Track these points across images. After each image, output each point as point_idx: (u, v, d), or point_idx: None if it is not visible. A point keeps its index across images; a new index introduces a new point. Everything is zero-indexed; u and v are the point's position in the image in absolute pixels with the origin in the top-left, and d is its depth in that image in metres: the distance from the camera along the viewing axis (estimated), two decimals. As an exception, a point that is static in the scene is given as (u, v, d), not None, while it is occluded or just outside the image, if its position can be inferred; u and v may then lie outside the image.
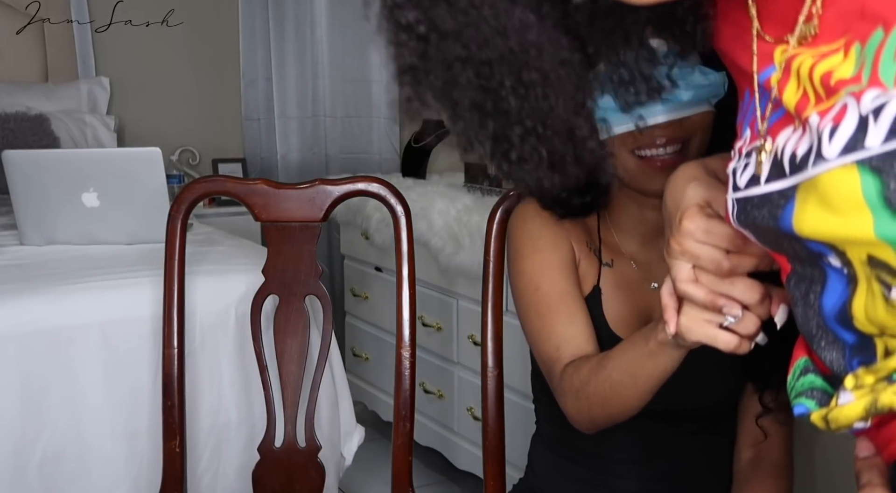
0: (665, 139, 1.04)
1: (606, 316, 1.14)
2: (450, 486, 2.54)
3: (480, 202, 2.34)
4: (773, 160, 0.63)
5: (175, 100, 3.42)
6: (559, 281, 1.13)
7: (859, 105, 0.54)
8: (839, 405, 0.63)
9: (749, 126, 0.68)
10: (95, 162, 1.97)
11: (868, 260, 0.57)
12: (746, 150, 0.67)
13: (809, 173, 0.57)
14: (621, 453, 1.17)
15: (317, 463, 1.42)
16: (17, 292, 1.63)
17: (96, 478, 1.59)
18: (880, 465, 0.68)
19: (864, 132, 0.54)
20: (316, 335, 1.58)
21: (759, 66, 0.67)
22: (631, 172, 1.07)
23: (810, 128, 0.58)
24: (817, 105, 0.59)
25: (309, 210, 1.40)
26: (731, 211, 0.68)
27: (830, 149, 0.55)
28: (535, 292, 1.13)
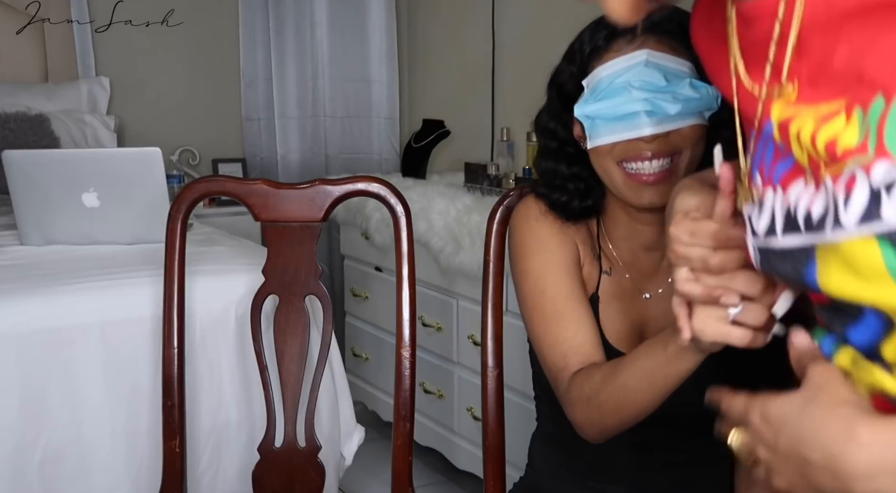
0: (651, 153, 1.02)
1: (603, 325, 1.13)
2: (450, 486, 2.54)
3: (480, 202, 2.35)
4: (786, 214, 0.63)
5: (175, 100, 3.42)
6: (565, 284, 1.11)
7: (870, 178, 0.55)
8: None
9: (758, 169, 0.68)
10: (95, 162, 1.97)
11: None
12: (758, 197, 0.68)
13: (828, 238, 0.58)
14: (619, 449, 1.16)
15: (317, 463, 1.42)
16: (17, 292, 1.63)
17: (96, 478, 1.59)
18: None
19: (878, 204, 0.54)
20: (316, 335, 1.58)
21: (758, 116, 0.67)
22: (618, 184, 1.06)
23: (825, 189, 0.59)
24: (827, 168, 0.59)
25: (309, 210, 1.40)
26: (753, 257, 0.69)
27: (847, 217, 0.56)
28: (542, 294, 1.12)
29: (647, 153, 1.02)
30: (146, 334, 1.63)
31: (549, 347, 1.10)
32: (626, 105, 1.00)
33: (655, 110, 0.99)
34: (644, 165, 1.02)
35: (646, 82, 0.99)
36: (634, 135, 1.01)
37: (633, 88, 0.99)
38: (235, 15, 3.39)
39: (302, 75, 3.43)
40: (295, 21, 3.39)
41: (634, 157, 1.03)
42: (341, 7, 3.42)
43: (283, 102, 3.42)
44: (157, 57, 3.35)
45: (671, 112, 0.99)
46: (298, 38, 3.40)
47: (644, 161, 1.02)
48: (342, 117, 3.51)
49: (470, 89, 3.09)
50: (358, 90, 3.49)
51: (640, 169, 1.03)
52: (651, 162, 1.02)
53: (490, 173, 2.55)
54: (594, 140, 1.04)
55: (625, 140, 1.02)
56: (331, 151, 3.52)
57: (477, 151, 3.00)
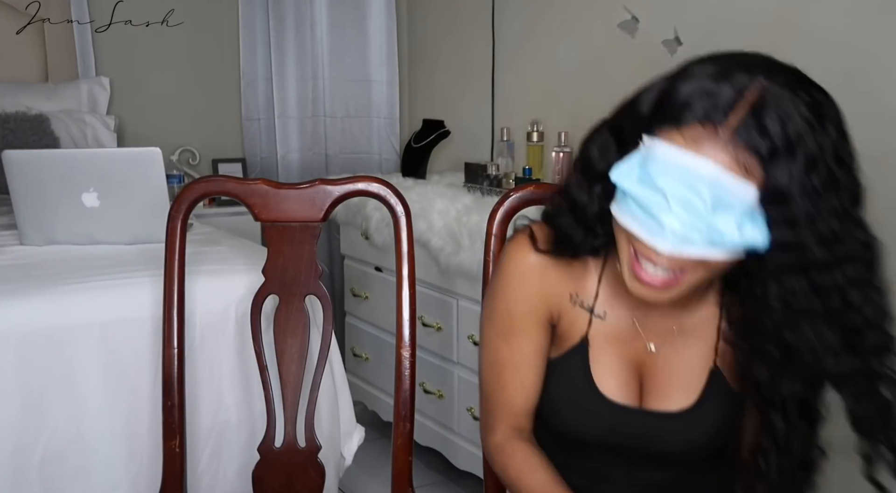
0: (664, 261, 0.93)
1: (594, 372, 1.09)
2: (450, 486, 2.54)
3: (480, 202, 2.35)
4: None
5: (175, 100, 3.42)
6: (518, 350, 1.12)
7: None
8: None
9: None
10: (95, 162, 1.97)
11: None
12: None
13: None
14: (610, 476, 1.15)
15: (317, 463, 1.42)
16: (17, 292, 1.63)
17: (96, 478, 1.59)
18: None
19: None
20: (316, 335, 1.58)
21: None
22: (624, 265, 0.98)
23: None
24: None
25: (309, 210, 1.40)
26: None
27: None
28: (497, 351, 1.14)
29: (658, 259, 0.93)
30: (146, 334, 1.63)
31: (487, 400, 1.16)
32: (657, 211, 0.90)
33: (685, 239, 0.89)
34: (651, 268, 0.94)
35: (687, 202, 0.88)
36: (649, 242, 0.91)
37: (672, 202, 0.88)
38: (235, 15, 3.39)
39: (302, 75, 3.43)
40: (295, 21, 3.39)
41: (645, 254, 0.94)
42: (341, 7, 3.42)
43: (283, 101, 3.42)
44: (157, 57, 3.35)
45: (696, 243, 0.89)
46: (298, 38, 3.40)
47: (651, 264, 0.94)
48: (342, 117, 3.51)
49: (470, 89, 3.09)
50: (358, 90, 3.49)
51: (647, 269, 0.95)
52: (657, 268, 0.94)
53: (490, 173, 2.55)
54: (616, 209, 0.96)
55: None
56: (331, 151, 3.52)
57: (477, 151, 3.00)
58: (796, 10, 1.94)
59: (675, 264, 0.92)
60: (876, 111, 1.79)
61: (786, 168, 0.85)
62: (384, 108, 3.49)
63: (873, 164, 1.08)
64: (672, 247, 0.89)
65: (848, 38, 1.84)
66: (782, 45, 1.98)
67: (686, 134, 0.89)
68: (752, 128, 0.86)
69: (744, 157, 0.86)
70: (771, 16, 2.00)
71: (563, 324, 1.11)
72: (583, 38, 2.56)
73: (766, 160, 0.86)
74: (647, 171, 0.91)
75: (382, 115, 3.49)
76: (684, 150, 0.88)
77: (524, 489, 1.09)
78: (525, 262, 1.10)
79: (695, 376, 1.07)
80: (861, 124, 1.82)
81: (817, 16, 1.89)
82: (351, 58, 3.45)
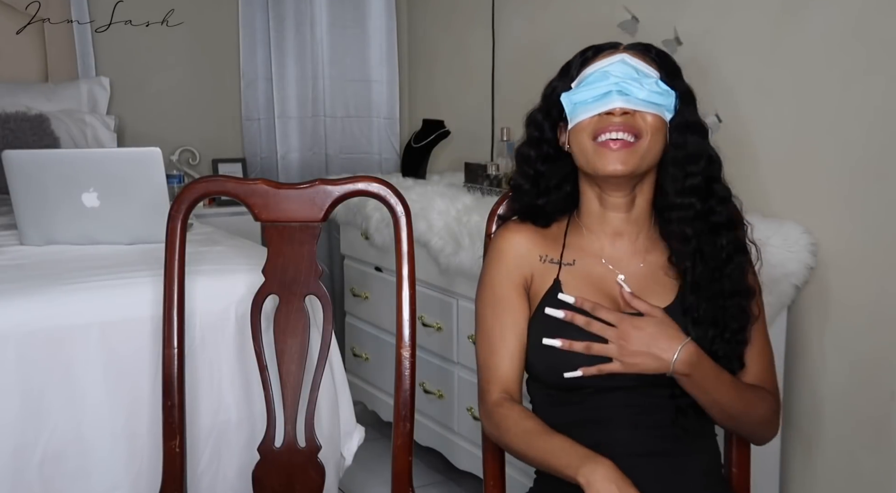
0: (620, 125, 1.22)
1: (566, 295, 1.26)
2: (450, 486, 2.54)
3: (480, 202, 2.35)
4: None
5: (175, 100, 3.42)
6: (500, 321, 1.29)
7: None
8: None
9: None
10: (95, 162, 1.97)
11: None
12: None
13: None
14: (612, 414, 1.25)
15: (317, 463, 1.42)
16: (17, 292, 1.62)
17: (96, 478, 1.59)
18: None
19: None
20: (316, 335, 1.58)
21: None
22: (589, 154, 1.24)
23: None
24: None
25: (309, 210, 1.40)
26: None
27: None
28: (483, 321, 1.32)
29: (616, 124, 1.22)
30: (146, 334, 1.63)
31: (479, 367, 1.31)
32: (603, 87, 1.23)
33: (625, 91, 1.22)
34: (612, 134, 1.22)
35: (621, 72, 1.24)
36: (606, 108, 1.22)
37: (611, 75, 1.23)
38: (235, 15, 3.39)
39: (302, 75, 3.43)
40: (295, 21, 3.39)
41: (605, 128, 1.22)
42: (341, 7, 3.42)
43: (283, 101, 3.42)
44: (157, 57, 3.35)
45: (639, 95, 1.22)
46: (298, 38, 3.40)
47: (612, 131, 1.22)
48: (342, 117, 3.51)
49: (470, 89, 3.09)
50: (358, 90, 3.49)
51: (609, 138, 1.22)
52: (618, 133, 1.22)
53: (490, 173, 2.55)
54: (574, 119, 1.26)
55: (598, 114, 1.23)
56: (331, 151, 3.52)
57: (477, 151, 3.00)
58: (796, 10, 1.94)
59: (629, 122, 1.22)
60: (876, 111, 1.79)
61: (667, 64, 1.28)
62: (384, 108, 3.49)
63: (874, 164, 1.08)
64: (623, 102, 1.22)
65: (848, 38, 1.84)
66: (782, 45, 1.99)
67: (598, 59, 1.27)
68: (638, 46, 1.30)
69: (641, 57, 1.26)
70: (771, 16, 2.00)
71: (535, 284, 1.30)
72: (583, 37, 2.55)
73: (655, 58, 1.27)
74: (585, 80, 1.26)
75: (382, 115, 3.49)
76: (603, 60, 1.26)
77: (520, 434, 1.22)
78: (503, 240, 1.33)
79: (666, 293, 1.27)
80: (861, 124, 1.83)
81: (817, 16, 1.89)
82: (351, 58, 3.45)
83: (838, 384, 1.88)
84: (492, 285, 1.32)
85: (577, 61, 1.30)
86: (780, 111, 1.98)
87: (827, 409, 1.89)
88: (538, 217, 1.33)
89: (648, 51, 1.29)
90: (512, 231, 1.33)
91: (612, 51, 1.27)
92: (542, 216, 1.33)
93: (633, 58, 1.25)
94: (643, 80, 1.23)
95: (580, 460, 1.13)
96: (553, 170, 1.33)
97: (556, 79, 1.33)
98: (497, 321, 1.29)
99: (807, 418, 1.93)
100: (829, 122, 1.88)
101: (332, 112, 3.49)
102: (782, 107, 1.98)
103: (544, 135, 1.33)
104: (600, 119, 1.23)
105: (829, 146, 1.88)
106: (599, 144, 1.23)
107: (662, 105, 1.24)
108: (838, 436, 1.89)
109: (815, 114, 1.91)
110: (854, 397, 1.84)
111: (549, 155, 1.33)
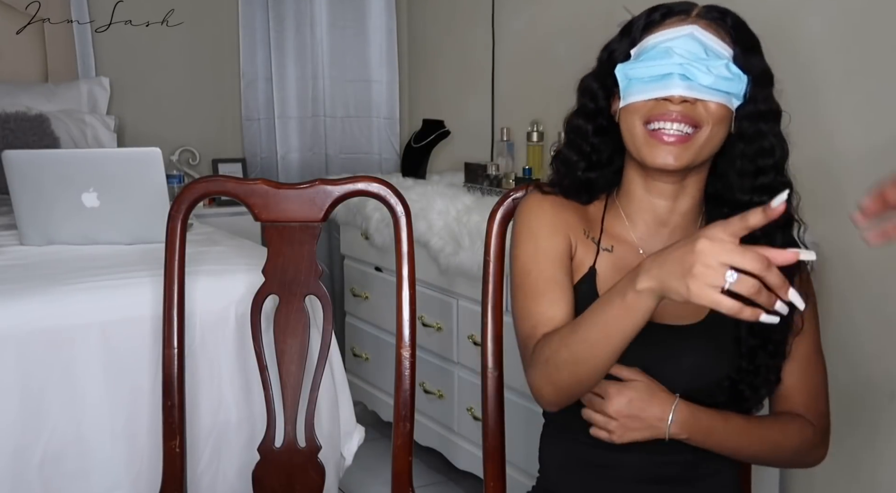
0: (677, 114, 1.07)
1: (601, 293, 1.16)
2: (450, 486, 2.54)
3: (480, 202, 2.34)
4: None
5: (175, 100, 3.42)
6: (548, 268, 1.17)
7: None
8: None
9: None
10: (95, 162, 1.97)
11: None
12: None
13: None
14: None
15: (317, 463, 1.42)
16: (17, 292, 1.62)
17: (96, 478, 1.59)
18: None
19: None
20: (316, 335, 1.58)
21: None
22: (639, 141, 1.11)
23: None
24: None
25: (309, 210, 1.40)
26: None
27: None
28: (526, 276, 1.18)
29: (672, 114, 1.07)
30: (146, 334, 1.63)
31: (523, 319, 1.17)
32: (664, 67, 1.07)
33: (689, 75, 1.06)
34: (667, 125, 1.08)
35: (687, 51, 1.07)
36: (665, 93, 1.07)
37: (675, 53, 1.07)
38: (235, 15, 3.39)
39: (302, 75, 3.43)
40: (295, 21, 3.39)
41: (660, 116, 1.08)
42: (341, 7, 3.42)
43: (283, 102, 3.42)
44: (157, 57, 3.35)
45: (703, 82, 1.06)
46: (298, 38, 3.40)
47: (668, 122, 1.08)
48: (342, 117, 3.51)
49: (470, 89, 3.09)
50: (358, 90, 3.49)
51: (663, 128, 1.08)
52: (674, 124, 1.08)
53: (490, 173, 2.55)
54: (627, 98, 1.11)
55: (655, 98, 1.08)
56: (331, 151, 3.52)
57: (477, 151, 3.00)
58: (796, 10, 1.94)
59: (689, 113, 1.07)
60: (876, 111, 1.79)
61: (743, 36, 1.11)
62: (384, 108, 3.49)
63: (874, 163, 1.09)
64: (684, 90, 1.06)
65: (848, 38, 1.84)
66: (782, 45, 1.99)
67: (665, 24, 1.11)
68: (714, 11, 1.11)
69: (715, 28, 1.10)
70: (771, 16, 2.00)
71: (577, 256, 1.19)
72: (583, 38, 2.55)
73: (731, 30, 1.10)
74: (646, 51, 1.10)
75: (382, 115, 3.49)
76: (670, 29, 1.10)
77: (559, 345, 1.06)
78: (541, 203, 1.21)
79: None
80: (861, 124, 1.83)
81: (817, 16, 1.89)
82: (351, 58, 3.45)
83: (838, 384, 1.88)
84: (535, 237, 1.18)
85: (641, 23, 1.14)
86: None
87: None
88: (582, 192, 1.21)
89: (724, 19, 1.11)
90: (543, 205, 1.21)
91: (684, 17, 1.11)
92: (587, 191, 1.21)
93: (705, 31, 1.08)
94: (712, 62, 1.07)
95: (622, 285, 0.98)
96: (605, 142, 1.19)
97: (615, 40, 1.17)
98: (543, 271, 1.16)
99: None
100: (829, 121, 1.88)
101: (332, 112, 3.49)
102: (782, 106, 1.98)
103: (598, 104, 1.18)
104: (656, 104, 1.08)
105: (829, 146, 1.88)
106: (652, 133, 1.09)
107: (731, 93, 1.09)
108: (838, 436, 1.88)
109: (816, 113, 1.91)
110: (854, 397, 1.84)
111: (603, 127, 1.19)
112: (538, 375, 1.10)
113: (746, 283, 0.85)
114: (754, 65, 1.11)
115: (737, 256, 0.85)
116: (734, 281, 0.85)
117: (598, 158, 1.20)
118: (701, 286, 0.86)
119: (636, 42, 1.12)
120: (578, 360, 1.03)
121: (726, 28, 1.11)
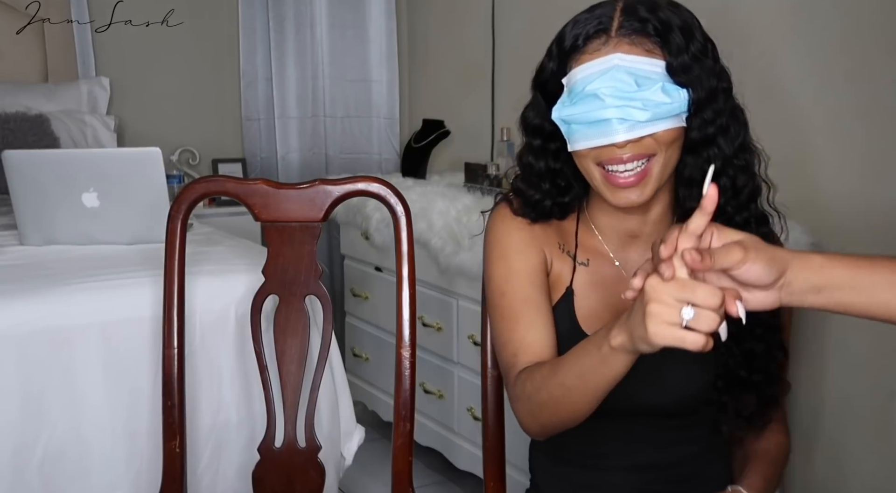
0: (626, 157, 1.04)
1: (578, 316, 1.15)
2: (450, 486, 2.54)
3: (480, 202, 2.34)
4: None
5: (175, 100, 3.42)
6: (523, 288, 1.14)
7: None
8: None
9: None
10: (95, 162, 1.97)
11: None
12: None
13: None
14: (610, 449, 1.19)
15: (317, 463, 1.42)
16: (17, 292, 1.62)
17: (96, 478, 1.59)
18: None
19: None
20: (316, 335, 1.58)
21: None
22: (597, 183, 1.08)
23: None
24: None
25: (309, 210, 1.40)
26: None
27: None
28: (501, 297, 1.15)
29: (622, 156, 1.04)
30: (146, 334, 1.63)
31: (502, 346, 1.14)
32: (598, 112, 1.02)
33: (626, 118, 1.01)
34: (620, 167, 1.05)
35: (616, 89, 1.01)
36: (607, 141, 1.03)
37: (605, 96, 1.01)
38: (235, 15, 3.39)
39: (302, 75, 3.43)
40: (295, 21, 3.39)
41: (610, 160, 1.05)
42: (341, 7, 3.42)
43: (283, 102, 3.42)
44: (157, 57, 3.36)
45: (642, 119, 1.01)
46: (298, 38, 3.40)
47: (620, 164, 1.05)
48: (342, 117, 3.51)
49: (470, 89, 3.09)
50: (358, 90, 3.49)
51: (617, 171, 1.05)
52: (626, 164, 1.04)
53: (490, 173, 2.55)
54: (573, 144, 1.07)
55: (599, 146, 1.04)
56: (331, 151, 3.52)
57: (477, 151, 3.00)
58: (796, 10, 1.94)
59: (637, 150, 1.03)
60: (876, 111, 1.79)
61: (673, 41, 1.03)
62: (384, 108, 3.49)
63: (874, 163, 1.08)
64: (625, 133, 1.02)
65: (848, 38, 1.84)
66: (782, 45, 1.99)
67: (588, 51, 1.05)
68: (633, 20, 1.04)
69: (639, 41, 1.03)
70: (771, 15, 2.00)
71: (553, 271, 1.17)
72: (583, 38, 2.56)
73: (656, 38, 1.03)
74: (576, 93, 1.04)
75: (382, 115, 3.49)
76: (593, 60, 1.04)
77: (543, 381, 1.03)
78: (511, 220, 1.18)
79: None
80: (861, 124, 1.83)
81: (817, 16, 1.89)
82: (351, 58, 3.45)
83: (838, 384, 1.88)
84: (506, 257, 1.15)
85: (566, 44, 1.08)
86: (781, 110, 1.98)
87: (827, 409, 1.89)
88: (554, 215, 1.18)
89: (646, 28, 1.03)
90: (514, 219, 1.18)
91: (605, 39, 1.04)
92: (559, 213, 1.18)
93: (629, 55, 1.02)
94: (645, 92, 1.01)
95: (600, 336, 0.94)
96: (562, 171, 1.16)
97: (545, 62, 1.13)
98: (518, 292, 1.13)
99: (807, 418, 1.93)
100: (829, 121, 1.88)
101: (332, 112, 3.49)
102: (783, 106, 1.98)
103: (544, 131, 1.14)
104: (603, 150, 1.04)
105: (829, 146, 1.88)
106: (607, 176, 1.06)
107: (674, 114, 1.03)
108: (838, 436, 1.88)
109: (816, 113, 1.91)
110: (854, 397, 1.84)
111: (555, 151, 1.15)
112: (521, 409, 1.09)
113: (707, 318, 0.79)
114: (693, 70, 1.04)
115: (687, 291, 0.79)
116: (691, 318, 0.79)
117: (559, 188, 1.17)
118: (658, 324, 0.81)
119: (564, 70, 1.08)
120: (559, 402, 1.01)
121: (651, 38, 1.03)
